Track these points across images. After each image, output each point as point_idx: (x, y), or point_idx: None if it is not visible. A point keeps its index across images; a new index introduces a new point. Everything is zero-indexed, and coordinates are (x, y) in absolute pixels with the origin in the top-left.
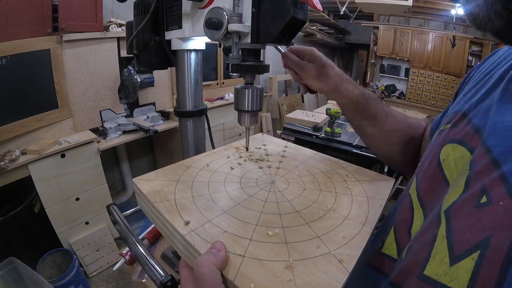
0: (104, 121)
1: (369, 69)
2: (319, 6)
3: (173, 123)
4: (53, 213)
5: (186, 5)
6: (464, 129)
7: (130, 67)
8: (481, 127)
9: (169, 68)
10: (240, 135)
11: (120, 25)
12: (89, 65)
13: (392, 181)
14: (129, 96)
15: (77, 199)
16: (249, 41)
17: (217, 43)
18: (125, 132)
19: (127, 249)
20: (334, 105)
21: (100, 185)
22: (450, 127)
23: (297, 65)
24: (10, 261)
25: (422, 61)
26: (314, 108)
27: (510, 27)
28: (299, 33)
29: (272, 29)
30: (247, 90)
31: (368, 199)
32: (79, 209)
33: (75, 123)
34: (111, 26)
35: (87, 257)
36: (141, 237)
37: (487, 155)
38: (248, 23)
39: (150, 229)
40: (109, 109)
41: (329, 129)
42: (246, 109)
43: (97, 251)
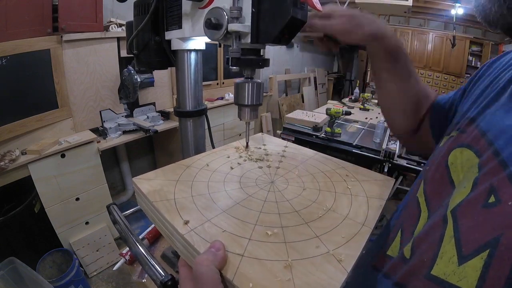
0: (104, 121)
1: (369, 69)
2: (319, 6)
3: (173, 123)
4: (53, 213)
5: (186, 5)
6: (471, 133)
7: (130, 67)
8: (488, 130)
9: (169, 68)
10: (240, 135)
11: (120, 25)
12: (89, 65)
13: (392, 181)
14: (129, 96)
15: (77, 199)
16: (249, 41)
17: (217, 43)
18: (125, 132)
19: (127, 249)
20: (334, 105)
21: (100, 185)
22: (459, 133)
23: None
24: (10, 261)
25: (422, 61)
26: (314, 108)
27: None
28: (299, 33)
29: (272, 29)
30: (247, 84)
31: (367, 199)
32: (79, 209)
33: (75, 123)
34: (111, 26)
35: (87, 257)
36: (141, 237)
37: (496, 158)
38: (248, 23)
39: (150, 229)
40: (109, 109)
41: (329, 129)
42: (246, 103)
43: (97, 251)
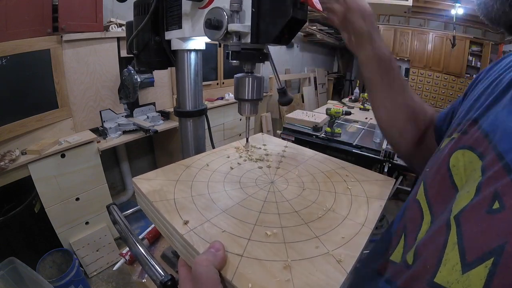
0: (104, 121)
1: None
2: (319, 6)
3: (173, 123)
4: (53, 213)
5: (186, 5)
6: (474, 135)
7: (130, 67)
8: (491, 132)
9: (169, 68)
10: (240, 135)
11: (120, 25)
12: (89, 65)
13: (392, 181)
14: (129, 96)
15: (77, 199)
16: (249, 41)
17: (217, 43)
18: (125, 132)
19: (127, 249)
20: (334, 105)
21: (100, 185)
22: (460, 134)
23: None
24: (10, 261)
25: (422, 61)
26: (314, 108)
27: None
28: (299, 33)
29: (272, 29)
30: (247, 78)
31: (367, 199)
32: (79, 209)
33: (75, 123)
34: (111, 26)
35: (87, 257)
36: (141, 237)
37: (499, 161)
38: (248, 23)
39: (150, 229)
40: (109, 109)
41: (329, 129)
42: (246, 98)
43: (97, 251)
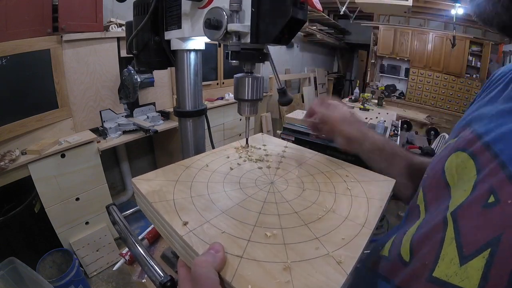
0: (104, 121)
1: (369, 69)
2: (319, 6)
3: (173, 123)
4: (53, 213)
5: (185, 5)
6: (467, 137)
7: (130, 67)
8: (484, 133)
9: (169, 68)
10: (240, 135)
11: (120, 25)
12: (89, 65)
13: (392, 182)
14: (129, 96)
15: (77, 199)
16: (249, 41)
17: (217, 43)
18: (125, 132)
19: (127, 249)
20: None
21: (100, 185)
22: (456, 140)
23: (325, 114)
24: (10, 261)
25: (422, 61)
26: None
27: None
28: (299, 33)
29: (272, 29)
30: (247, 78)
31: (368, 200)
32: (79, 209)
33: (75, 123)
34: (111, 26)
35: (87, 257)
36: (140, 237)
37: (495, 160)
38: (247, 22)
39: (150, 229)
40: (109, 109)
41: None
42: (246, 98)
43: (97, 251)
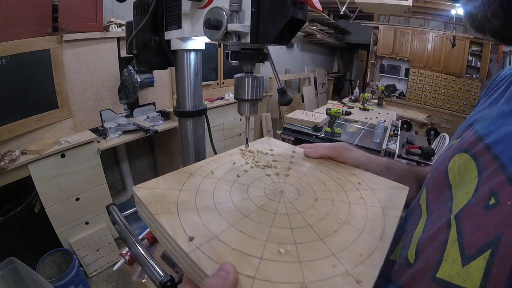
0: (104, 121)
1: (369, 69)
2: (319, 6)
3: (173, 123)
4: (53, 213)
5: (185, 5)
6: (469, 138)
7: (130, 67)
8: (485, 134)
9: (169, 68)
10: (240, 135)
11: (120, 25)
12: (89, 65)
13: (406, 190)
14: (129, 96)
15: (77, 199)
16: (249, 41)
17: (217, 43)
18: (125, 132)
19: (127, 249)
20: (334, 105)
21: (100, 185)
22: (459, 140)
23: (330, 148)
24: (10, 261)
25: (422, 61)
26: (314, 108)
27: (506, 27)
28: (299, 33)
29: (271, 29)
30: (247, 78)
31: (383, 209)
32: (79, 209)
33: (75, 123)
34: (111, 26)
35: (87, 257)
36: (141, 237)
37: (495, 161)
38: (247, 22)
39: (150, 229)
40: (109, 109)
41: (329, 129)
42: (246, 98)
43: (97, 251)
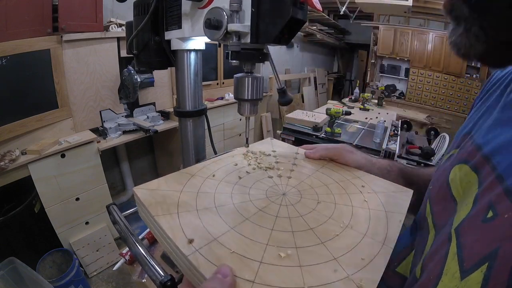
0: (104, 121)
1: (369, 69)
2: (319, 6)
3: (173, 123)
4: (53, 213)
5: (185, 5)
6: (468, 148)
7: (130, 67)
8: (483, 144)
9: (169, 68)
10: (240, 135)
11: (120, 25)
12: (89, 65)
13: (410, 193)
14: (129, 96)
15: (77, 199)
16: (249, 41)
17: (217, 43)
18: (125, 132)
19: (127, 249)
20: (334, 105)
21: (100, 185)
22: (458, 150)
23: (331, 149)
24: (10, 261)
25: (422, 61)
26: (314, 108)
27: (490, 50)
28: (299, 33)
29: (271, 29)
30: (247, 78)
31: (386, 213)
32: (79, 209)
33: (75, 123)
34: (111, 26)
35: (87, 257)
36: (141, 237)
37: (493, 172)
38: (247, 22)
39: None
40: (109, 109)
41: (329, 129)
42: (246, 98)
43: (97, 251)
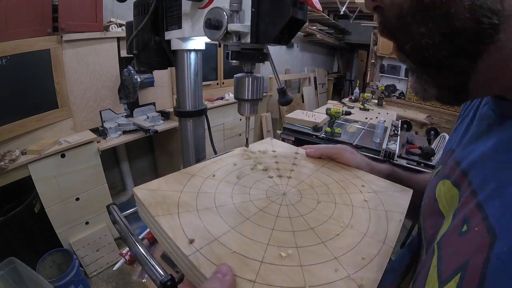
0: (104, 121)
1: (369, 69)
2: (319, 6)
3: (173, 123)
4: (53, 213)
5: (185, 5)
6: (450, 164)
7: (130, 67)
8: (461, 159)
9: (169, 68)
10: (240, 135)
11: (120, 25)
12: (89, 65)
13: (410, 192)
14: (129, 96)
15: (77, 199)
16: (249, 41)
17: (217, 43)
18: (125, 132)
19: (127, 249)
20: (334, 105)
21: (100, 185)
22: (442, 166)
23: (332, 147)
24: (10, 261)
25: None
26: (314, 108)
27: (443, 93)
28: (299, 33)
29: (271, 29)
30: (247, 78)
31: (386, 213)
32: (79, 209)
33: (75, 123)
34: (111, 26)
35: (87, 257)
36: (141, 237)
37: (469, 187)
38: (247, 22)
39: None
40: (109, 109)
41: (329, 129)
42: (246, 98)
43: (97, 251)
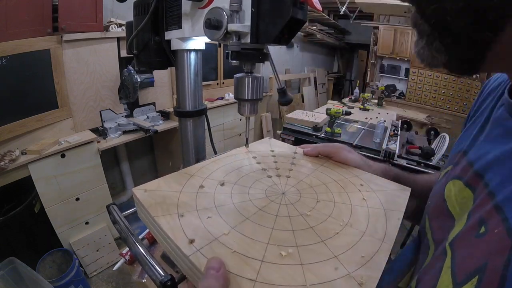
0: (104, 121)
1: (369, 69)
2: (319, 6)
3: (173, 123)
4: (53, 213)
5: (185, 5)
6: (462, 165)
7: (130, 67)
8: (474, 160)
9: (169, 68)
10: (240, 135)
11: (120, 25)
12: (89, 65)
13: (408, 191)
14: (129, 96)
15: (77, 199)
16: (249, 41)
17: (217, 43)
18: (125, 132)
19: (127, 249)
20: (334, 105)
21: (100, 185)
22: (453, 166)
23: (329, 146)
24: (10, 261)
25: None
26: (314, 108)
27: (451, 59)
28: (299, 33)
29: (271, 29)
30: (247, 78)
31: (385, 211)
32: (79, 209)
33: (75, 123)
34: (111, 26)
35: (87, 257)
36: (141, 237)
37: (485, 189)
38: (247, 22)
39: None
40: (109, 109)
41: (329, 129)
42: (246, 98)
43: (97, 251)
